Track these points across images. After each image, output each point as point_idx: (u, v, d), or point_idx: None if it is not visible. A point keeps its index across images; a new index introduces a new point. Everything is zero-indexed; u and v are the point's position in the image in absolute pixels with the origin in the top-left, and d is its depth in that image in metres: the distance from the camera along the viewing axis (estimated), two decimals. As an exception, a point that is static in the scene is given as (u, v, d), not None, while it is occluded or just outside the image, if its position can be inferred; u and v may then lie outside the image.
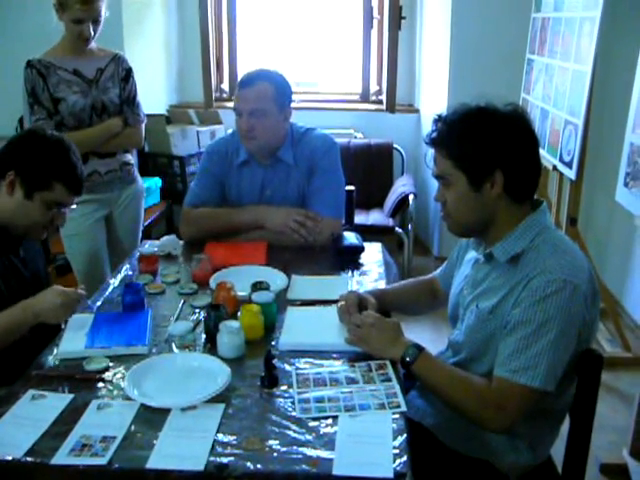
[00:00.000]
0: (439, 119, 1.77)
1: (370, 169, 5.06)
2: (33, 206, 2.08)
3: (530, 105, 4.16)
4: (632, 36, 2.90)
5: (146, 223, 4.24)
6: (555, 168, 3.68)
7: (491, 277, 1.79)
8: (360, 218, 4.58)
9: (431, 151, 1.80)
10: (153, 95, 4.99)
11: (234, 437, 1.52)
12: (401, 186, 4.81)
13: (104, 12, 2.93)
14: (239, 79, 2.64)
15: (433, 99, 5.07)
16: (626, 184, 2.79)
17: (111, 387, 1.73)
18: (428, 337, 3.47)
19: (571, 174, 3.43)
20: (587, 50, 3.31)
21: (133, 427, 1.56)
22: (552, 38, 3.87)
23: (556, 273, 1.62)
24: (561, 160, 3.57)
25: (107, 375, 1.78)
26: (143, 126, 3.23)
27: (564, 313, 1.61)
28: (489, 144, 1.70)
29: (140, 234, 3.39)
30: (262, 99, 2.55)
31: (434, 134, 1.77)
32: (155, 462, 1.44)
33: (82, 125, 2.99)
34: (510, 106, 1.75)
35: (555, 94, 3.74)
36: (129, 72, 3.14)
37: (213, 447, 1.48)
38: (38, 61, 2.94)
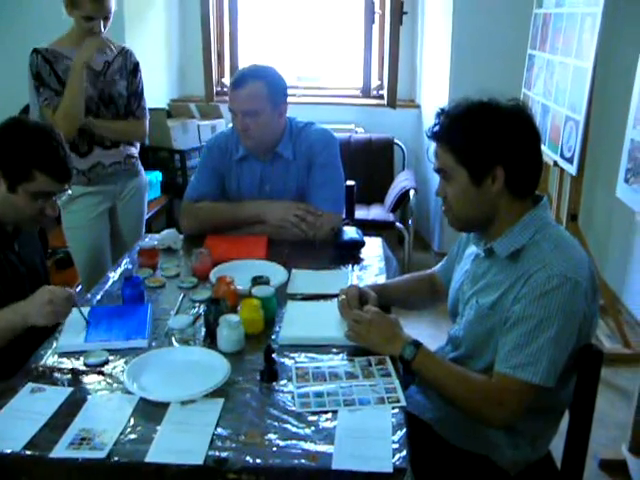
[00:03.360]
0: (442, 113, 1.76)
1: (371, 164, 5.05)
2: (18, 199, 2.01)
3: (531, 101, 4.15)
4: (633, 32, 2.89)
5: (147, 217, 4.23)
6: (556, 164, 3.67)
7: (491, 272, 1.79)
8: (361, 213, 4.58)
9: (433, 145, 1.79)
10: (154, 89, 4.97)
11: (233, 431, 1.52)
12: (402, 181, 4.81)
13: (114, 8, 2.93)
14: (231, 78, 2.62)
15: (434, 94, 5.06)
16: (627, 180, 2.78)
17: (110, 381, 1.72)
18: (428, 332, 3.47)
19: (572, 170, 3.43)
20: (588, 46, 3.29)
21: (132, 421, 1.55)
22: (553, 34, 3.85)
23: (557, 269, 1.62)
24: (562, 156, 3.56)
25: (106, 369, 1.77)
26: (147, 121, 3.22)
27: (565, 309, 1.61)
28: (491, 139, 1.69)
29: (143, 228, 3.38)
30: (255, 99, 2.53)
31: (436, 128, 1.76)
32: (154, 456, 1.43)
33: (89, 114, 2.98)
34: (512, 101, 1.75)
35: (556, 90, 3.73)
36: (137, 66, 3.14)
37: (212, 441, 1.48)
38: (45, 49, 2.93)
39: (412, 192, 4.61)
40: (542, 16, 4.07)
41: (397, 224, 4.62)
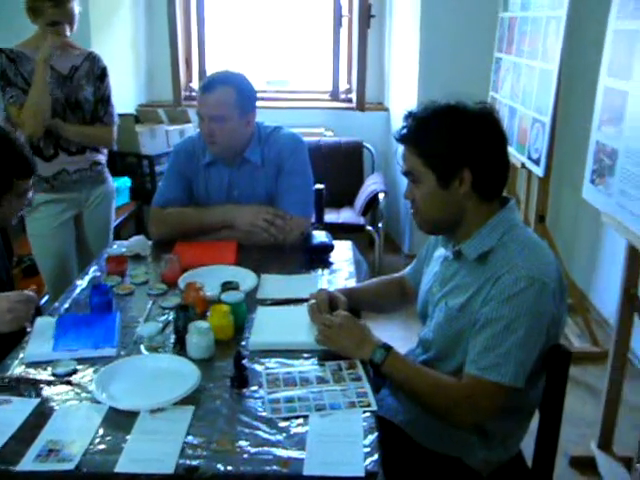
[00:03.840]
0: (409, 116, 1.76)
1: (340, 167, 5.06)
2: (5, 206, 2.05)
3: (498, 103, 4.19)
4: (597, 35, 2.92)
5: (115, 223, 4.18)
6: (523, 166, 3.70)
7: (460, 275, 1.79)
8: (331, 216, 4.58)
9: (401, 148, 1.79)
10: (122, 94, 4.92)
11: (204, 439, 1.50)
12: (371, 184, 4.82)
13: (77, 10, 2.89)
14: (202, 82, 2.61)
15: (403, 97, 5.08)
16: (592, 181, 2.80)
17: (79, 390, 1.70)
18: (399, 335, 3.48)
19: (539, 171, 3.46)
20: (553, 49, 3.33)
21: (101, 431, 1.53)
22: (519, 37, 3.89)
23: (524, 271, 1.63)
24: (529, 158, 3.59)
25: (74, 378, 1.75)
26: (115, 128, 3.19)
27: (532, 310, 1.62)
28: (458, 142, 1.70)
29: (111, 236, 3.34)
30: (223, 105, 2.52)
31: (404, 131, 1.76)
32: (124, 466, 1.42)
33: (56, 117, 2.94)
34: (480, 104, 1.75)
35: (523, 92, 3.76)
36: (104, 71, 3.11)
37: (183, 449, 1.46)
38: (10, 50, 2.90)
39: (382, 195, 4.63)
40: (508, 19, 4.11)
41: (367, 227, 4.63)
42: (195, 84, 5.53)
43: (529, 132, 3.61)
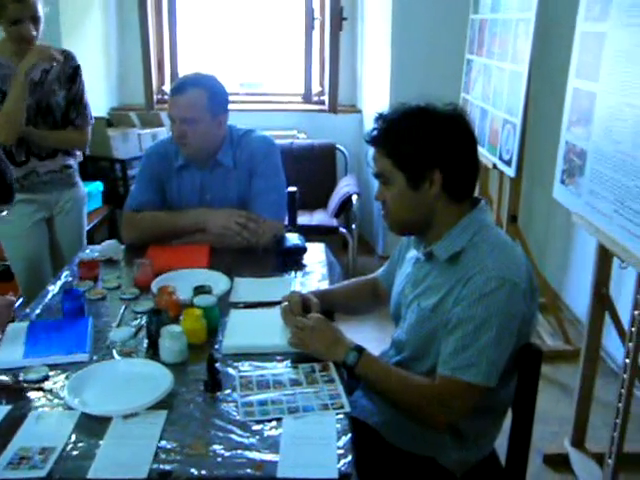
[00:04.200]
0: (380, 117, 1.77)
1: (313, 170, 5.07)
2: None
3: (470, 105, 4.22)
4: (566, 37, 2.95)
5: (88, 228, 4.15)
6: (495, 166, 3.73)
7: (432, 276, 1.80)
8: (304, 219, 4.59)
9: (372, 150, 1.80)
10: (93, 97, 4.84)
11: (177, 443, 1.50)
12: (344, 186, 4.83)
13: (41, 9, 2.83)
14: (173, 84, 2.60)
15: (375, 99, 5.10)
16: (562, 181, 2.83)
17: (51, 397, 1.68)
18: (373, 336, 3.49)
19: (510, 172, 3.49)
20: (523, 51, 3.36)
21: (74, 437, 1.52)
22: (490, 39, 3.92)
23: (494, 271, 1.64)
24: (501, 158, 3.62)
25: (46, 385, 1.73)
26: (90, 128, 3.15)
27: (504, 310, 1.63)
28: (427, 144, 1.71)
29: (84, 241, 3.31)
30: (194, 107, 2.52)
31: (374, 132, 1.77)
32: (96, 472, 1.41)
33: (27, 123, 2.91)
34: (450, 106, 1.77)
35: (494, 94, 3.79)
36: (76, 70, 3.05)
37: (156, 454, 1.46)
38: None
39: (355, 197, 4.65)
40: (479, 22, 4.14)
41: (341, 229, 4.65)
42: (167, 87, 5.51)
43: (500, 133, 3.64)
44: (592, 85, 2.59)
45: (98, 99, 5.07)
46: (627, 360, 2.43)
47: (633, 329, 2.40)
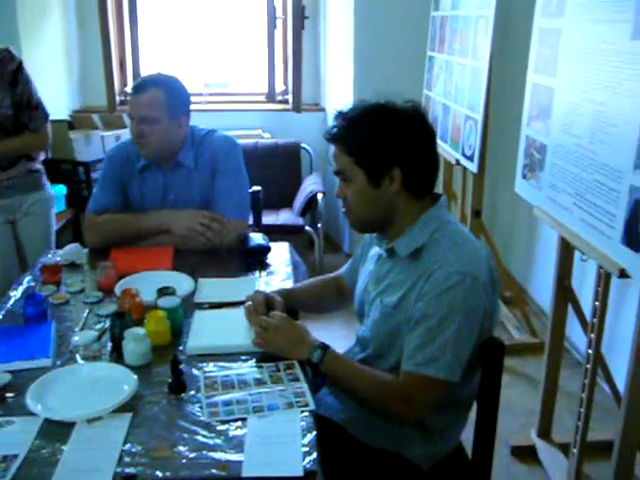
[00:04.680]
0: (339, 115, 1.78)
1: (278, 169, 5.07)
2: None
3: (432, 101, 4.25)
4: (525, 32, 2.99)
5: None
6: (458, 162, 3.76)
7: (394, 272, 1.82)
8: (270, 218, 4.59)
9: (332, 147, 1.81)
10: (54, 100, 4.83)
11: (142, 446, 1.49)
12: (310, 185, 4.84)
13: None
14: (134, 83, 2.59)
15: (339, 97, 5.11)
16: (524, 176, 2.87)
17: (13, 403, 1.67)
18: (340, 333, 3.50)
19: (473, 167, 3.52)
20: (483, 47, 3.40)
21: (37, 443, 1.51)
22: (451, 36, 3.95)
23: (455, 266, 1.66)
24: (463, 154, 3.66)
25: (9, 391, 1.71)
26: (48, 125, 3.06)
27: (465, 305, 1.65)
28: (387, 141, 1.72)
29: (53, 244, 3.24)
30: (153, 106, 2.51)
31: (334, 130, 1.78)
32: (60, 478, 1.40)
33: None
34: (409, 103, 1.78)
35: (455, 90, 3.83)
36: (17, 71, 2.88)
37: (121, 458, 1.45)
38: None
39: (320, 195, 4.66)
40: (440, 18, 4.17)
41: (307, 228, 4.66)
42: (130, 88, 5.46)
43: (462, 129, 3.67)
44: (550, 80, 2.62)
45: (59, 101, 5.03)
46: (590, 351, 2.47)
47: (595, 320, 2.44)
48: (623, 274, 2.06)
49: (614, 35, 2.15)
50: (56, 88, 5.00)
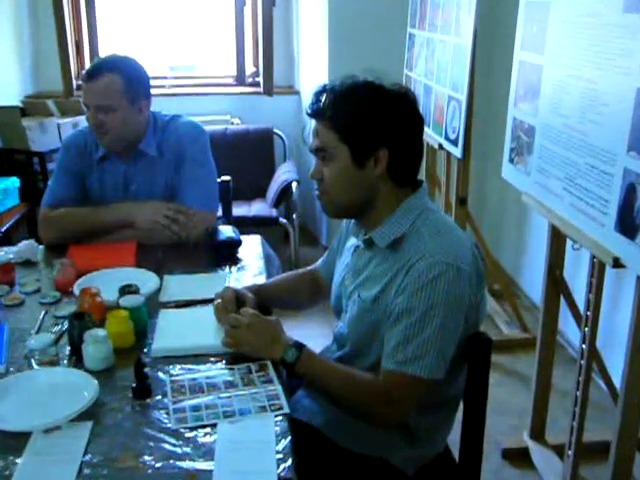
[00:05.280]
0: (325, 89, 1.77)
1: (250, 157, 5.07)
2: None
3: (413, 82, 4.26)
4: (511, 7, 3.01)
5: (4, 228, 4.09)
6: (441, 147, 3.77)
7: (372, 264, 1.82)
8: (241, 210, 4.59)
9: (311, 123, 1.80)
10: (4, 85, 4.82)
11: (104, 456, 1.49)
12: (283, 173, 4.84)
13: None
14: (86, 68, 2.57)
15: (313, 79, 5.10)
16: (511, 160, 2.89)
17: (-38, 413, 1.65)
18: (317, 332, 3.46)
19: (457, 152, 3.53)
20: (466, 23, 3.41)
21: (-11, 456, 1.50)
22: (432, 11, 3.96)
23: (437, 257, 1.66)
24: (447, 138, 3.67)
25: (-43, 400, 1.70)
26: None
27: (448, 298, 1.65)
28: (378, 119, 1.72)
29: None
30: (109, 93, 2.50)
31: (318, 104, 1.77)
32: (14, 493, 1.39)
33: None
34: (397, 86, 1.78)
35: (437, 69, 3.84)
36: None
37: (81, 470, 1.44)
38: None
39: (295, 184, 4.66)
40: (420, -7, 4.18)
41: (281, 219, 4.65)
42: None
43: (445, 111, 3.68)
44: (538, 57, 2.64)
45: (10, 86, 4.99)
46: (584, 346, 2.49)
47: (589, 313, 2.46)
48: (617, 263, 2.07)
49: (605, 8, 2.17)
50: (6, 72, 4.95)
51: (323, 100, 1.76)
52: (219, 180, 2.84)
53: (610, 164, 2.10)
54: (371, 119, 1.72)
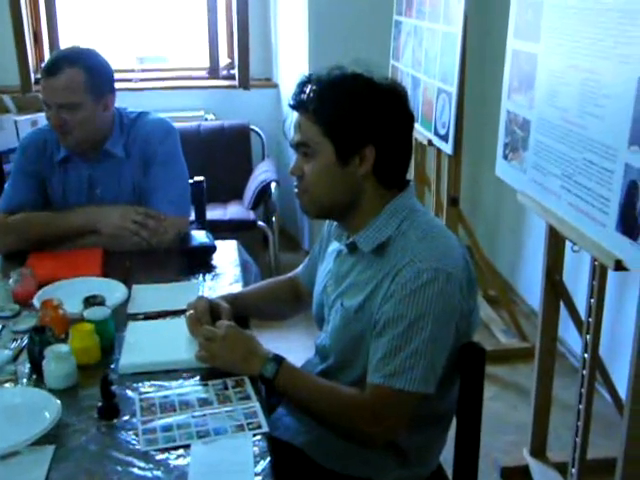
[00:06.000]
0: (310, 80, 1.77)
1: (225, 155, 5.06)
2: None
3: (400, 73, 4.27)
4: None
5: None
6: (431, 143, 3.78)
7: (356, 271, 1.82)
8: (216, 213, 4.58)
9: (293, 116, 1.81)
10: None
11: (68, 483, 1.49)
12: (261, 173, 4.84)
13: None
14: (45, 63, 2.56)
15: (293, 71, 5.11)
16: (505, 156, 2.90)
17: None
18: (299, 344, 3.47)
19: (448, 149, 3.54)
20: (456, 9, 3.42)
21: (-61, 486, 1.50)
22: (419, -3, 3.98)
23: (426, 262, 1.66)
24: (436, 134, 3.68)
25: None
26: None
27: (438, 306, 1.65)
28: (365, 114, 1.73)
29: None
30: (72, 90, 2.49)
31: (302, 96, 1.77)
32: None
33: None
34: (387, 79, 1.79)
35: (426, 59, 3.85)
36: None
37: (42, 498, 1.45)
38: None
39: (274, 185, 4.65)
40: (406, -23, 4.20)
41: (259, 223, 4.65)
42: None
43: (434, 105, 3.69)
44: (533, 46, 2.66)
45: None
46: (586, 354, 2.50)
47: (590, 319, 2.47)
48: (619, 266, 2.08)
49: (605, -9, 2.18)
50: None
51: (307, 91, 1.76)
52: (191, 181, 2.84)
53: (611, 160, 2.11)
54: (358, 114, 1.73)
